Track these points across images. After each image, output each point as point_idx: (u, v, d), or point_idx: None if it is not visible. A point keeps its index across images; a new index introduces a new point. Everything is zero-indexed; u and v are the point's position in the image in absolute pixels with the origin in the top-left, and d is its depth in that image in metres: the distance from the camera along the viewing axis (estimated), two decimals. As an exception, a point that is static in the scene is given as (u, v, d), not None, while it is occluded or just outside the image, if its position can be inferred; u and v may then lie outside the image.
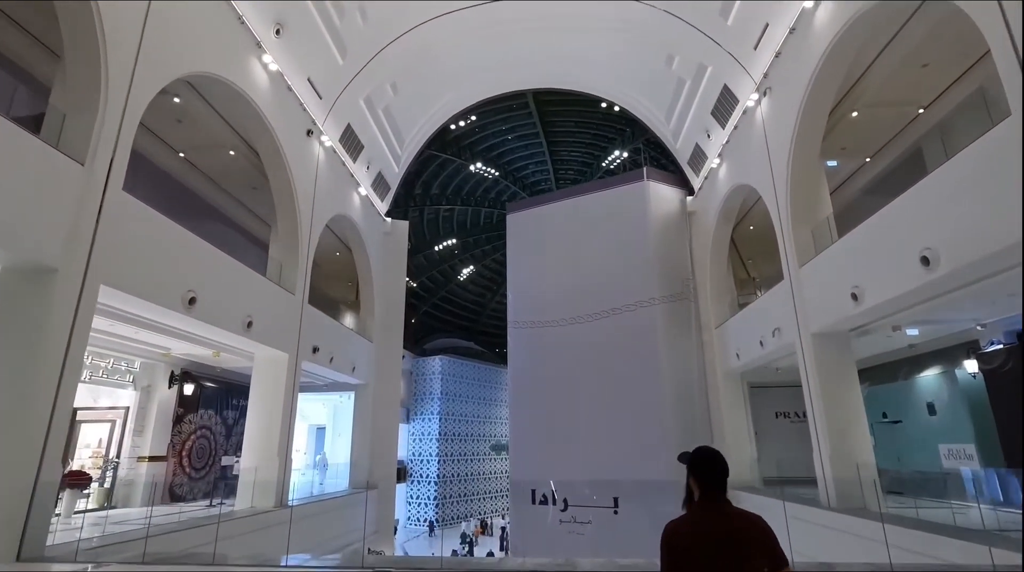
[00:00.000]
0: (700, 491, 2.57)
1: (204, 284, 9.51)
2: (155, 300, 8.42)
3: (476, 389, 49.80)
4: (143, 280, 8.19)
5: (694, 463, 2.67)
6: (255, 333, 11.21)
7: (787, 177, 11.74)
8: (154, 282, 8.43)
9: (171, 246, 8.87)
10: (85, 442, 12.79)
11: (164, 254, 8.70)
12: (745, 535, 2.39)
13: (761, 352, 13.53)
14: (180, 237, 9.10)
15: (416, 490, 43.63)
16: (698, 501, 2.57)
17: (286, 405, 12.46)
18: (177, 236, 9.03)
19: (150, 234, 8.41)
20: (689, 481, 2.64)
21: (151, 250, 8.41)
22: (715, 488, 2.54)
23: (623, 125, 25.77)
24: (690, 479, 2.63)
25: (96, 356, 11.63)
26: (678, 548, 2.43)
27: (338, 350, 15.59)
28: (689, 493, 2.64)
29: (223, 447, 14.68)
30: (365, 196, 18.00)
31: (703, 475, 2.60)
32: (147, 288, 8.26)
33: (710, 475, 2.58)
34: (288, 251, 13.34)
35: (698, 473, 2.61)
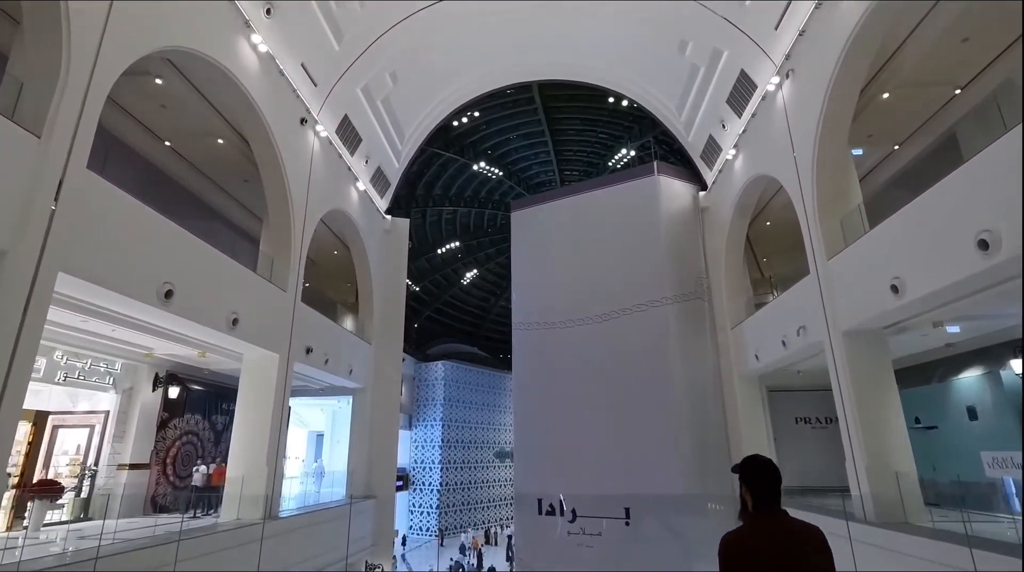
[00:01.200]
0: (753, 501, 2.50)
1: (182, 276, 8.74)
2: (126, 292, 7.64)
3: (479, 395, 48.92)
4: (111, 269, 7.42)
5: (746, 472, 2.58)
6: (242, 331, 10.43)
7: (813, 164, 10.92)
8: (124, 272, 7.65)
9: (144, 233, 8.11)
10: (63, 448, 12.01)
11: (136, 241, 7.93)
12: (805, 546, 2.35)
13: (783, 353, 12.66)
14: (155, 224, 8.33)
15: (419, 498, 42.69)
16: (752, 512, 2.50)
17: (276, 409, 11.66)
18: (151, 223, 8.26)
19: (120, 219, 7.65)
20: (742, 491, 2.57)
21: (120, 236, 7.64)
22: (769, 497, 2.49)
23: (630, 122, 25.03)
24: (743, 489, 2.56)
25: (71, 356, 10.87)
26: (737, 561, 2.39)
27: (334, 351, 14.79)
28: (744, 504, 2.57)
29: (211, 454, 13.86)
30: (364, 192, 17.26)
31: (756, 485, 2.52)
32: (116, 278, 7.49)
33: (763, 484, 2.52)
34: (280, 246, 12.59)
35: (751, 483, 2.54)
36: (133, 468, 11.93)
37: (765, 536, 2.39)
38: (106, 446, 11.71)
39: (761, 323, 14.19)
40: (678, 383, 15.88)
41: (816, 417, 16.15)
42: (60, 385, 10.74)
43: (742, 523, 2.55)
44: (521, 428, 18.47)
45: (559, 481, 16.87)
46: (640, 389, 16.26)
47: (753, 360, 14.65)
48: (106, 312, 8.57)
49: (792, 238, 17.80)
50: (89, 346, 10.79)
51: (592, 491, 16.29)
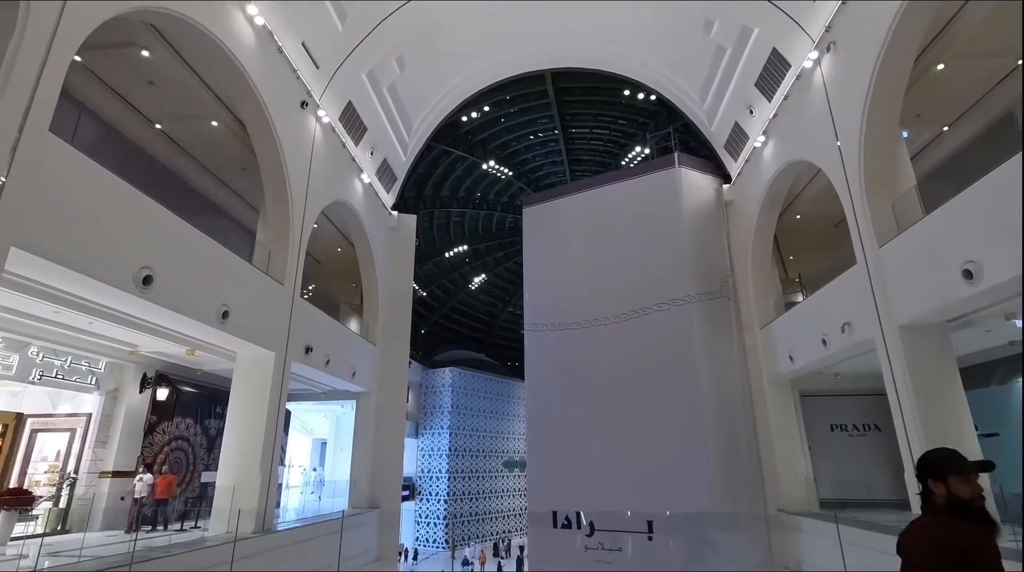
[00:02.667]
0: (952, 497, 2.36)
1: (164, 261, 7.84)
2: (96, 274, 6.74)
3: (488, 403, 47.83)
4: (77, 248, 6.52)
5: (951, 464, 2.43)
6: (233, 326, 9.51)
7: (860, 144, 9.91)
8: (94, 252, 6.76)
9: (119, 210, 7.22)
10: (41, 454, 11.13)
11: (109, 219, 7.05)
12: None
13: (823, 353, 11.57)
14: (132, 200, 7.44)
15: (425, 508, 41.53)
16: (950, 505, 2.36)
17: (272, 412, 10.72)
18: (128, 199, 7.38)
19: (89, 192, 6.77)
20: (936, 486, 2.42)
21: (90, 212, 6.75)
22: None
23: (646, 118, 24.07)
24: (941, 484, 2.40)
25: (48, 352, 9.99)
26: (977, 556, 2.23)
27: (336, 352, 13.85)
28: (938, 500, 2.41)
29: (203, 461, 12.92)
30: (369, 185, 16.40)
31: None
32: (83, 259, 6.59)
33: None
34: (278, 237, 11.71)
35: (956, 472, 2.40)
36: (117, 476, 11.00)
37: (977, 528, 2.31)
38: (87, 452, 10.79)
39: (796, 321, 13.11)
40: (704, 387, 14.79)
41: (853, 424, 14.98)
42: (36, 385, 9.86)
43: (930, 519, 2.43)
44: (534, 435, 17.40)
45: (576, 492, 15.77)
46: (662, 393, 15.18)
47: (786, 362, 13.56)
48: (77, 300, 7.68)
49: (823, 232, 16.85)
50: (68, 342, 9.92)
51: (611, 503, 15.18)
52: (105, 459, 10.99)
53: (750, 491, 14.27)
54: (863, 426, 14.93)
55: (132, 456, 11.38)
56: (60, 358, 10.22)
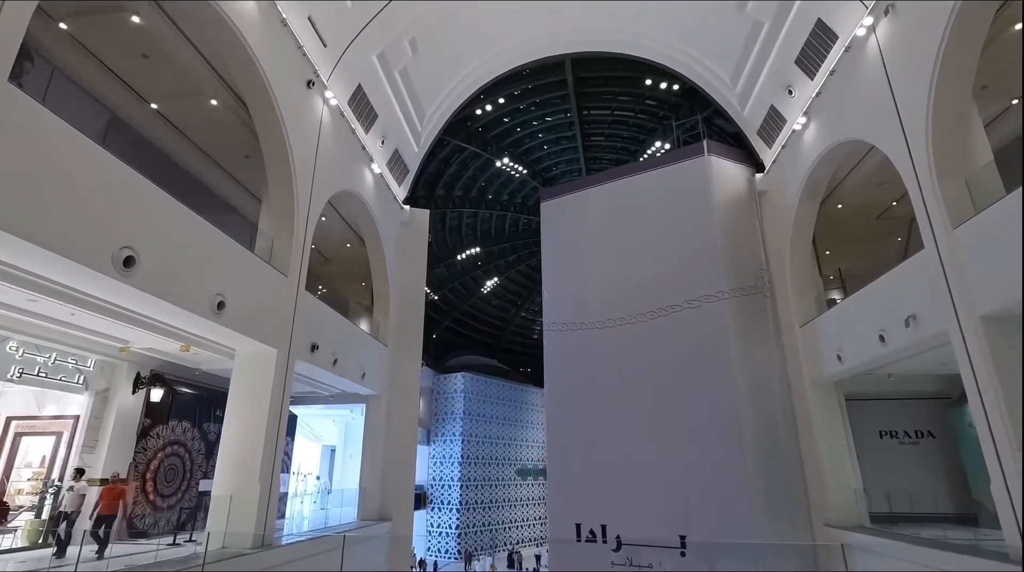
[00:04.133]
0: None
1: (148, 241, 6.95)
2: (67, 252, 5.85)
3: (501, 409, 46.74)
4: (45, 220, 5.64)
5: None
6: (230, 318, 8.61)
7: (927, 115, 8.83)
8: (65, 226, 5.87)
9: (96, 181, 6.34)
10: (26, 460, 10.27)
11: (85, 191, 6.17)
12: None
13: (881, 351, 10.42)
14: (112, 172, 6.57)
15: (437, 518, 40.41)
16: None
17: (273, 415, 9.78)
18: (107, 169, 6.50)
19: (61, 158, 5.89)
20: None
21: (61, 181, 5.88)
22: None
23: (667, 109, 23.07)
24: None
25: (30, 348, 9.13)
26: None
27: (344, 351, 12.92)
28: None
29: (202, 468, 12.01)
30: (379, 175, 15.52)
31: None
32: (53, 234, 5.70)
33: None
34: (282, 225, 10.83)
35: None
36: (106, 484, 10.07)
37: None
38: (74, 457, 9.91)
39: (846, 317, 11.96)
40: (740, 390, 13.66)
41: (904, 430, 13.77)
42: (15, 382, 9.01)
43: None
44: (555, 443, 16.31)
45: (601, 504, 14.66)
46: (694, 397, 14.07)
47: (832, 362, 12.41)
48: (50, 285, 6.80)
49: (865, 224, 15.71)
50: (51, 336, 9.06)
51: (640, 516, 14.05)
52: (93, 465, 10.10)
53: (793, 503, 13.09)
54: (915, 433, 13.72)
55: (124, 462, 10.48)
56: (43, 354, 9.36)
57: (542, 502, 48.68)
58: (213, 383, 12.46)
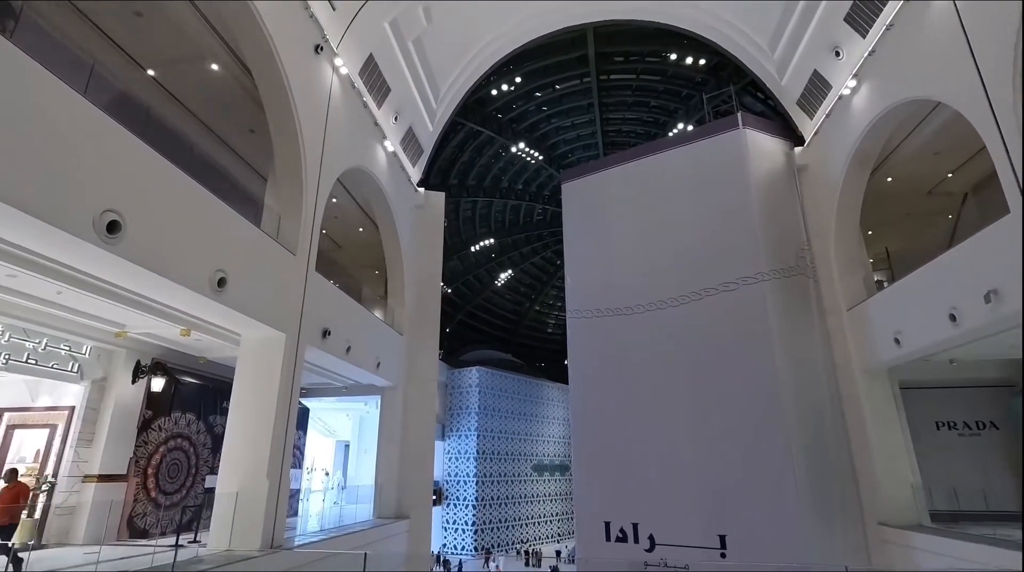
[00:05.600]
0: None
1: (136, 206, 6.13)
2: (36, 211, 5.02)
3: (516, 404, 45.86)
4: (11, 175, 4.81)
5: None
6: (231, 297, 7.78)
7: (1015, 64, 7.75)
8: (32, 181, 5.04)
9: (74, 134, 5.51)
10: (19, 455, 9.55)
11: (60, 144, 5.33)
12: None
13: (951, 332, 9.36)
14: (92, 124, 5.73)
15: (453, 514, 39.72)
16: None
17: (282, 406, 8.96)
18: (87, 121, 5.67)
19: (32, 105, 5.06)
20: None
21: (32, 131, 5.04)
22: None
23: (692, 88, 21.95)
24: None
25: (16, 332, 8.39)
26: None
27: (358, 339, 12.10)
28: None
29: (208, 463, 11.26)
30: (393, 154, 14.65)
31: None
32: (21, 191, 4.87)
33: None
34: (290, 201, 10.00)
35: None
36: (104, 480, 9.36)
37: None
38: (68, 451, 9.17)
39: (906, 296, 10.88)
40: (782, 378, 12.63)
41: (964, 421, 12.68)
42: (2, 370, 8.26)
43: None
44: (581, 437, 15.37)
45: (631, 501, 13.73)
46: (732, 386, 13.07)
47: (887, 347, 11.36)
48: (26, 255, 5.99)
49: (915, 200, 14.59)
50: (41, 320, 8.31)
51: (675, 514, 13.11)
52: (90, 460, 9.36)
53: (843, 500, 12.08)
54: (976, 424, 12.64)
55: (123, 457, 9.74)
56: (33, 340, 8.62)
57: (559, 498, 47.84)
58: (219, 373, 11.70)
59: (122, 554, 8.13)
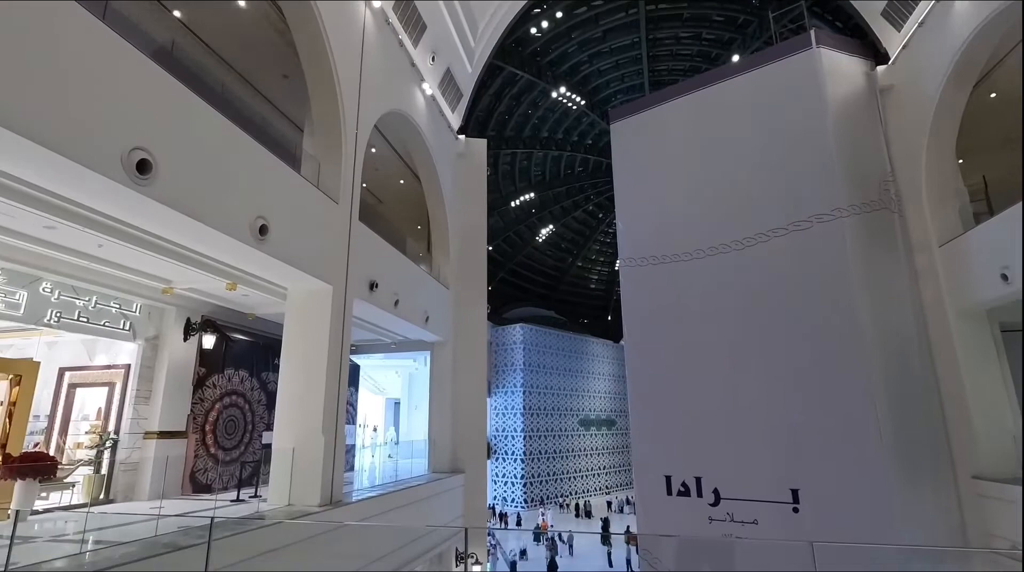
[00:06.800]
0: None
1: (167, 146, 5.63)
2: (60, 148, 4.54)
3: (561, 360, 45.70)
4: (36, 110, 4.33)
5: None
6: (274, 246, 7.34)
7: None
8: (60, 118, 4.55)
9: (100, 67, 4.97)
10: (83, 413, 9.65)
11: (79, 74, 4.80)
12: None
13: (1081, 262, 8.10)
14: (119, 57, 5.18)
15: (501, 468, 40.48)
16: None
17: (333, 359, 8.63)
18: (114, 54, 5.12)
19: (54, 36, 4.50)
20: None
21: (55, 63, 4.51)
22: None
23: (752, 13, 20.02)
24: None
25: (66, 289, 8.24)
26: None
27: (405, 292, 11.66)
28: None
29: (263, 420, 11.23)
30: (431, 97, 13.84)
31: None
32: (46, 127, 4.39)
33: None
34: (329, 146, 9.42)
35: None
36: (164, 437, 9.37)
37: None
38: (128, 409, 9.17)
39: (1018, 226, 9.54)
40: (863, 323, 11.52)
41: (1075, 366, 11.35)
42: (54, 327, 8.18)
43: None
44: (639, 389, 14.73)
45: (693, 454, 13.12)
46: (806, 333, 12.06)
47: (992, 284, 10.11)
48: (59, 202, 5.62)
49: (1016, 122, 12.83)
50: (87, 276, 8.12)
51: (741, 467, 12.44)
52: (149, 417, 9.37)
53: (932, 453, 11.13)
54: (1091, 369, 11.28)
55: (180, 414, 9.72)
56: (82, 297, 8.48)
57: (606, 452, 48.03)
58: (268, 330, 11.53)
59: (186, 508, 8.13)
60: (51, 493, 7.98)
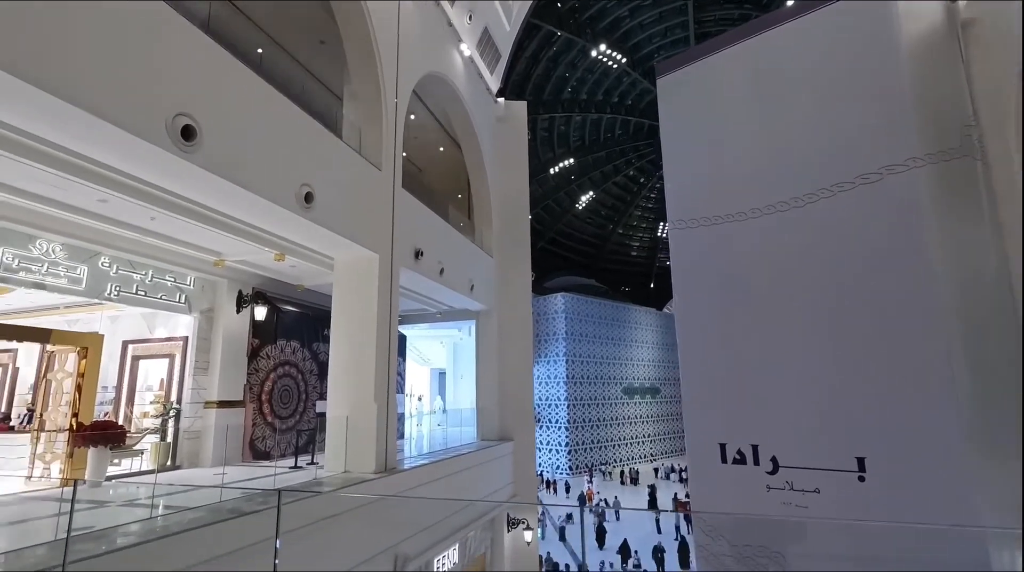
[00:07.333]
0: None
1: (211, 111, 5.50)
2: (105, 114, 4.44)
3: (603, 328, 45.24)
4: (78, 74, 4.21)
5: None
6: (320, 214, 7.21)
7: None
8: (99, 78, 4.43)
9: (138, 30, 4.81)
10: (147, 383, 9.99)
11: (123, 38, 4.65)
12: None
13: None
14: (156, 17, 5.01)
15: (546, 436, 40.84)
16: None
17: (382, 328, 8.57)
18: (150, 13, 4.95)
19: None
20: None
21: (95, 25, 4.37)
22: None
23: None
24: None
25: (124, 264, 8.41)
26: None
27: (450, 259, 11.50)
28: None
29: (316, 390, 11.42)
30: (469, 58, 13.38)
31: None
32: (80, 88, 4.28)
33: None
34: (368, 113, 9.17)
35: None
36: (223, 406, 9.62)
37: None
38: (188, 379, 9.43)
39: None
40: (940, 282, 10.62)
41: None
42: (113, 301, 8.39)
43: None
44: (691, 355, 13.99)
45: (750, 421, 12.40)
46: (876, 293, 11.17)
47: (1092, 235, 9.10)
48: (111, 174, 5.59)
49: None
50: (143, 250, 8.24)
51: (801, 434, 11.83)
52: (208, 388, 9.62)
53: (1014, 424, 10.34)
54: None
55: (237, 384, 9.96)
56: (139, 271, 8.66)
57: (651, 420, 47.79)
58: (317, 301, 11.62)
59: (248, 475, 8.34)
60: (122, 460, 8.31)
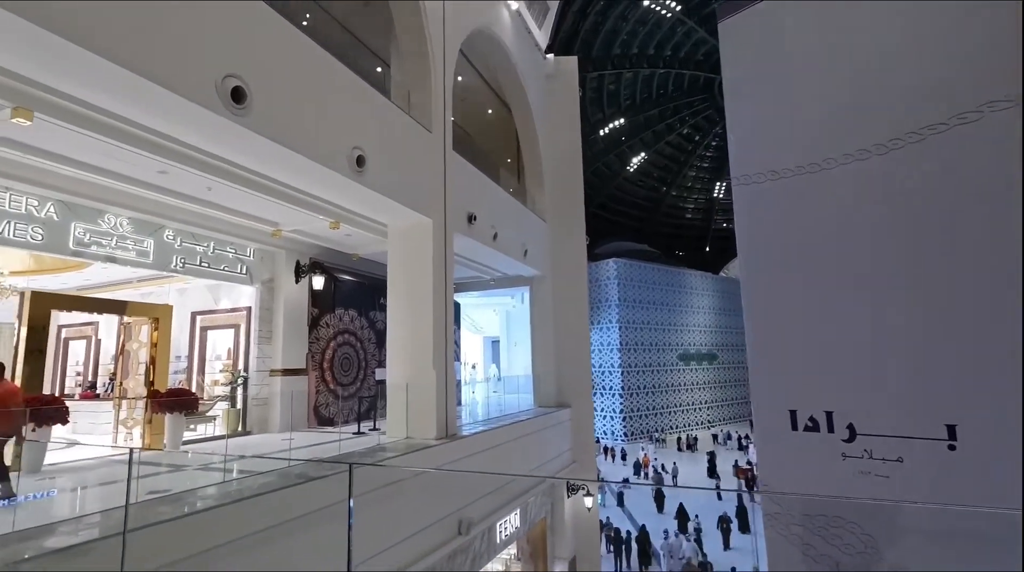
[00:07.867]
0: None
1: (259, 73, 5.33)
2: (154, 76, 4.33)
3: (657, 294, 44.18)
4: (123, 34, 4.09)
5: None
6: (372, 178, 7.03)
7: None
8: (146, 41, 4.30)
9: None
10: (216, 353, 10.34)
11: None
12: None
13: None
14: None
15: (600, 402, 40.70)
16: None
17: (439, 294, 8.43)
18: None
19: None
20: None
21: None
22: None
23: None
24: None
25: (187, 237, 8.58)
26: None
27: (503, 224, 11.22)
28: None
29: (375, 357, 11.54)
30: (516, 13, 12.77)
31: None
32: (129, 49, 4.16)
33: None
34: (415, 71, 8.86)
35: None
36: (288, 374, 9.85)
37: None
38: (253, 348, 9.68)
39: None
40: (1049, 232, 9.51)
41: None
42: (179, 273, 8.61)
43: None
44: (758, 318, 13.33)
45: (823, 386, 11.76)
46: (968, 247, 10.19)
47: None
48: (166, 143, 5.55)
49: None
50: (203, 222, 8.37)
51: (882, 399, 11.07)
52: (272, 356, 9.85)
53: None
54: None
55: (300, 353, 10.16)
56: (201, 243, 8.84)
57: (708, 386, 46.78)
58: (373, 271, 11.64)
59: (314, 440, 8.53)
60: (197, 425, 8.65)
